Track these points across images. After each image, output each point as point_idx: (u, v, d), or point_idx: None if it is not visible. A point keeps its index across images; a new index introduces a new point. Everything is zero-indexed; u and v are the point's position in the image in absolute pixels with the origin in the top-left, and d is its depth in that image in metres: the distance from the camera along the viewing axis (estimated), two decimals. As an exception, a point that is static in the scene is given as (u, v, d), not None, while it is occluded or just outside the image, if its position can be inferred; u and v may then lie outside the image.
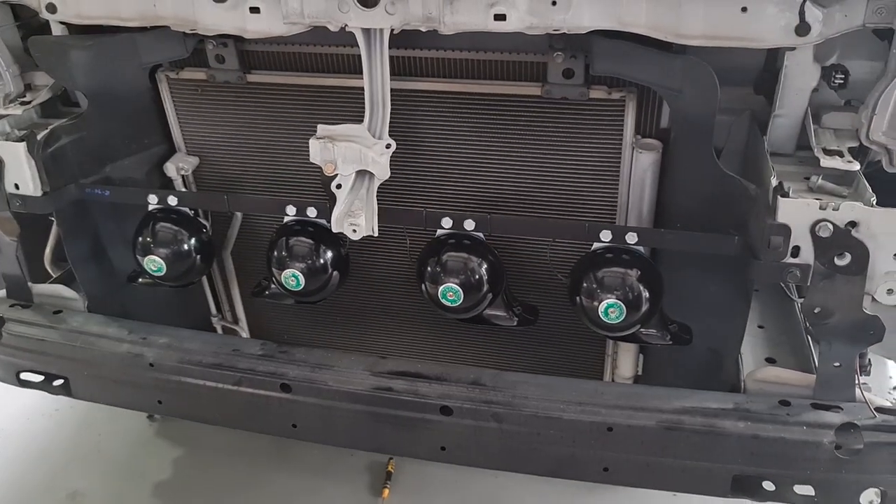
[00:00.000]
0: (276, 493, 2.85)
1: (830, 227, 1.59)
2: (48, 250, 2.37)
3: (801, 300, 2.13)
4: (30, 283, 2.32)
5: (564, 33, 1.67)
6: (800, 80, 1.73)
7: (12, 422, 3.25)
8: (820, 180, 1.67)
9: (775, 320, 2.19)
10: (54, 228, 2.33)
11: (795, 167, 1.78)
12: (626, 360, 2.25)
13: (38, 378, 2.28)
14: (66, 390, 2.25)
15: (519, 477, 2.81)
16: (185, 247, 2.14)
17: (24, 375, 2.30)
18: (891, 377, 2.36)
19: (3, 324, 2.23)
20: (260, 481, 2.91)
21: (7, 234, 2.19)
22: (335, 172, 1.84)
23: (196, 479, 2.94)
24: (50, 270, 2.40)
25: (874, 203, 1.59)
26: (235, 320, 2.61)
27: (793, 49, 1.68)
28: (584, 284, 1.86)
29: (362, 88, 1.82)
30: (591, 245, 1.87)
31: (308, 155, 1.86)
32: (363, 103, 1.83)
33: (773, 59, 1.82)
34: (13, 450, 3.11)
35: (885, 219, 1.58)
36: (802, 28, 1.55)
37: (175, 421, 3.15)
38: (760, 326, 2.17)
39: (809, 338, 2.07)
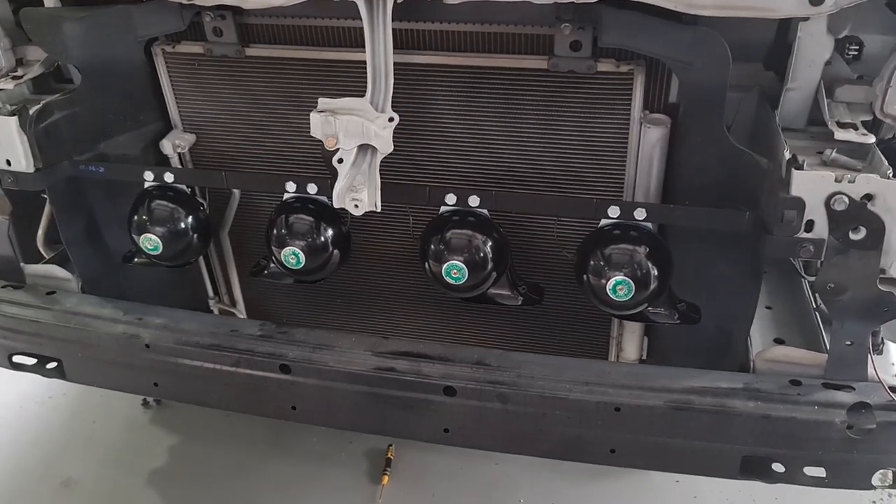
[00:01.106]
0: (273, 479, 2.82)
1: (846, 200, 1.55)
2: (41, 231, 2.32)
3: (812, 279, 2.10)
4: (22, 264, 2.26)
5: (573, 3, 1.62)
6: (813, 52, 1.68)
7: (5, 410, 3.21)
8: (834, 153, 1.62)
9: (783, 301, 2.15)
10: (47, 208, 2.28)
11: (807, 142, 1.74)
12: (630, 343, 2.21)
13: (31, 361, 2.22)
14: (59, 373, 2.19)
15: (519, 463, 2.82)
16: (182, 225, 2.08)
17: (16, 358, 2.23)
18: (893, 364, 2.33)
19: None
20: (257, 468, 2.86)
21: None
22: (336, 147, 1.79)
23: (192, 465, 2.90)
24: (43, 251, 2.35)
25: (891, 175, 1.55)
26: (233, 303, 2.55)
27: (806, 19, 1.62)
28: (592, 262, 1.81)
29: (364, 62, 1.77)
30: (599, 222, 1.83)
31: (308, 130, 1.80)
32: (364, 78, 1.78)
33: (784, 33, 1.79)
34: (5, 438, 3.07)
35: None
36: None
37: (170, 407, 3.14)
38: (768, 307, 2.13)
39: (819, 317, 2.03)
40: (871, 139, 1.60)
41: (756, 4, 1.54)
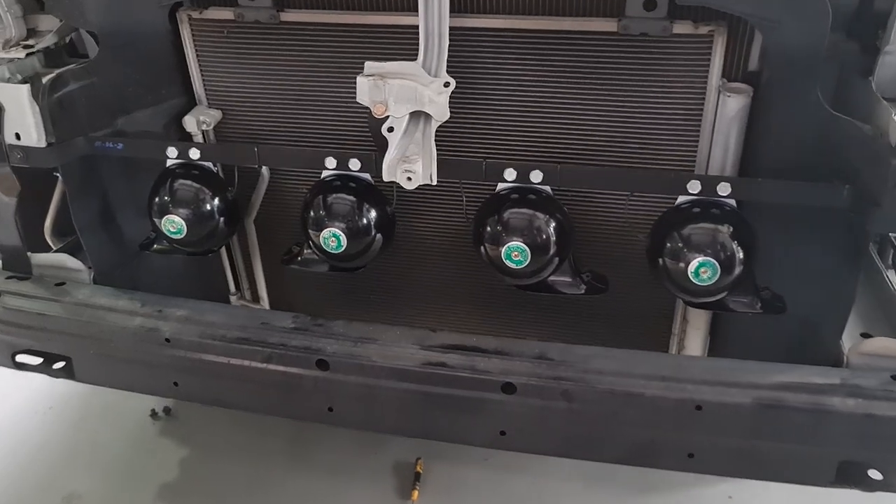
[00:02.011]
0: (292, 496, 2.65)
1: None
2: (49, 220, 2.19)
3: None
4: (29, 253, 2.13)
5: None
6: None
7: (4, 420, 3.05)
8: None
9: (864, 295, 2.00)
10: (56, 194, 2.15)
11: None
12: (694, 340, 2.05)
13: (37, 360, 2.06)
14: (68, 373, 2.03)
15: (556, 477, 2.68)
16: (208, 206, 1.96)
17: (20, 357, 2.07)
18: None
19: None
20: (274, 483, 2.71)
21: (5, 194, 2.00)
22: (386, 114, 1.65)
23: (203, 480, 2.75)
24: (50, 242, 2.23)
25: None
26: (256, 298, 2.42)
27: None
28: (669, 243, 1.68)
29: (413, 27, 1.66)
30: (676, 199, 1.68)
31: (349, 104, 1.68)
32: (414, 45, 1.66)
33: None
34: (5, 450, 2.92)
35: None
36: None
37: (179, 419, 3.01)
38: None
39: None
40: None
41: None
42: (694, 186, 1.65)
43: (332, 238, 1.84)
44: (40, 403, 3.12)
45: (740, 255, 1.65)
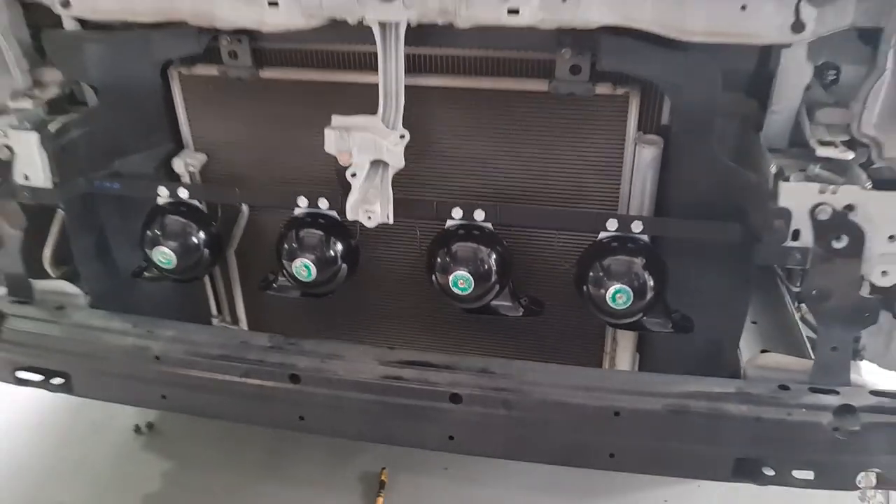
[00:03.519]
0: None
1: (829, 210, 1.69)
2: (48, 250, 2.38)
3: (796, 289, 2.22)
4: (31, 280, 2.33)
5: (573, 30, 1.76)
6: (794, 76, 1.83)
7: None
8: (817, 168, 1.76)
9: (767, 316, 2.28)
10: (54, 228, 2.35)
11: (790, 160, 1.86)
12: (623, 357, 2.31)
13: (38, 377, 2.27)
14: (66, 388, 2.24)
15: (512, 485, 2.89)
16: (195, 239, 2.18)
17: (21, 374, 2.28)
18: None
19: (4, 319, 2.23)
20: (251, 493, 2.90)
21: (12, 227, 2.21)
22: (350, 162, 1.90)
23: (185, 491, 2.93)
24: (49, 271, 2.40)
25: (869, 187, 1.68)
26: (235, 321, 2.62)
27: (788, 46, 1.78)
28: (591, 272, 1.94)
29: (374, 85, 1.89)
30: (597, 235, 1.95)
31: (318, 151, 1.92)
32: (374, 100, 1.90)
33: (765, 62, 1.93)
34: None
35: (880, 202, 1.67)
36: (797, 25, 1.66)
37: (162, 434, 3.18)
38: (753, 322, 2.25)
39: (802, 328, 2.15)
40: (851, 155, 1.73)
41: (742, 31, 1.69)
42: (612, 224, 1.91)
43: (304, 268, 2.06)
44: (28, 420, 3.27)
45: (651, 282, 1.91)
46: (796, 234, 1.73)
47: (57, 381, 2.26)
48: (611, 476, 2.72)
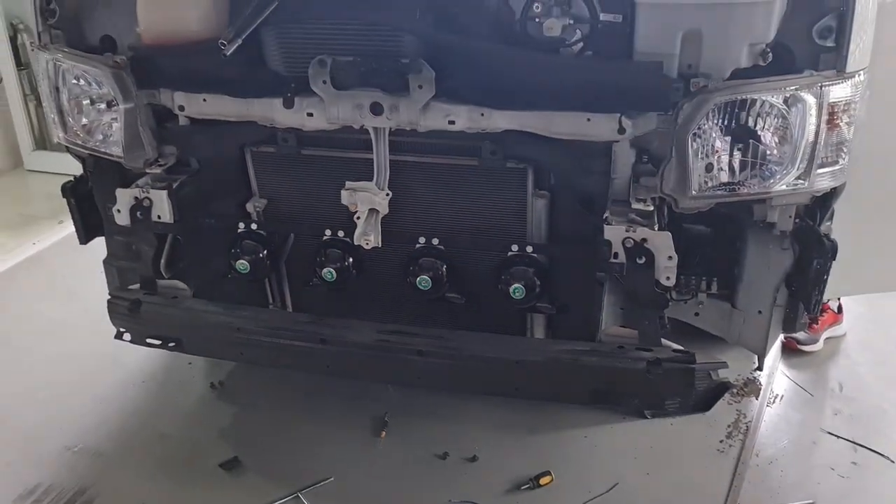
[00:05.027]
0: (300, 436, 3.46)
1: (632, 241, 2.48)
2: (164, 260, 3.27)
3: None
4: (157, 280, 3.19)
5: (489, 133, 2.56)
6: (624, 158, 2.57)
7: (109, 389, 3.84)
8: (632, 216, 2.74)
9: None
10: (167, 243, 3.27)
11: (620, 208, 2.56)
12: (538, 330, 3.39)
13: (159, 342, 3.10)
14: (178, 348, 3.12)
15: (479, 423, 3.45)
16: (260, 255, 3.02)
17: (149, 340, 3.11)
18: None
19: (141, 304, 3.30)
20: (294, 426, 3.50)
21: (147, 247, 3.24)
22: (357, 209, 2.86)
23: (246, 424, 3.56)
24: (164, 273, 3.31)
25: (656, 229, 2.70)
26: (284, 307, 3.41)
27: (617, 141, 2.51)
28: (503, 276, 2.85)
29: (370, 159, 2.68)
30: (507, 253, 2.91)
31: (337, 201, 2.75)
32: (370, 169, 2.70)
33: (607, 150, 2.60)
34: (114, 408, 3.70)
35: (661, 237, 2.47)
36: (621, 130, 2.43)
37: (230, 389, 3.65)
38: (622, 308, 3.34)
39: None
40: (651, 207, 2.69)
41: (588, 133, 2.48)
42: (514, 248, 2.92)
43: (329, 273, 2.93)
44: (136, 377, 3.91)
45: (538, 281, 2.98)
46: (616, 255, 2.51)
47: (172, 344, 3.10)
48: (544, 415, 3.42)
